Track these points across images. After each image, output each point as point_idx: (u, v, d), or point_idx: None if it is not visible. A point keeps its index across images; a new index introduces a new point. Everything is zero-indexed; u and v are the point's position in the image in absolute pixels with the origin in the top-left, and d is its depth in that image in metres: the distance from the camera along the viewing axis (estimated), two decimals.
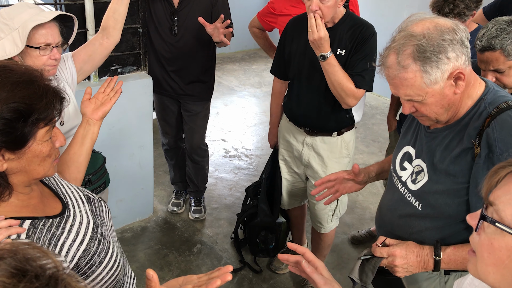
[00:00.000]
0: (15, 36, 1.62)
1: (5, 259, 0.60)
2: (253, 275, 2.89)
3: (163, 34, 2.80)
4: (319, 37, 1.95)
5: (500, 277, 0.75)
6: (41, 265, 0.61)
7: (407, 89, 1.27)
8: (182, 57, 2.84)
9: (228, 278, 1.06)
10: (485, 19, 2.93)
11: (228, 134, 4.65)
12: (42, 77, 1.05)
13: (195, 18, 2.62)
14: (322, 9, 1.99)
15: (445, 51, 1.21)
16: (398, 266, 1.34)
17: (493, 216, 0.75)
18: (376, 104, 5.52)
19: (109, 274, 1.16)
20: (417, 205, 1.44)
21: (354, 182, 1.80)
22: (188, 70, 2.89)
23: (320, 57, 2.02)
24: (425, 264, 1.35)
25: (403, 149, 1.54)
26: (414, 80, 1.24)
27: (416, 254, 1.35)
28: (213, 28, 2.55)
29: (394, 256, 1.35)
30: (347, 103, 2.16)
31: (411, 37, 1.24)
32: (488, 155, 1.25)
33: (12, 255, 0.61)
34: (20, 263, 0.60)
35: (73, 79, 1.95)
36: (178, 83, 2.92)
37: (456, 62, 1.23)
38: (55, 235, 1.09)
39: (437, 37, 1.22)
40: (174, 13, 2.74)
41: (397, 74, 1.26)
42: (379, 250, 1.38)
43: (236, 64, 6.71)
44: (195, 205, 3.40)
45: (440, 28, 1.24)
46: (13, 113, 0.98)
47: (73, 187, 1.28)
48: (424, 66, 1.22)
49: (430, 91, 1.25)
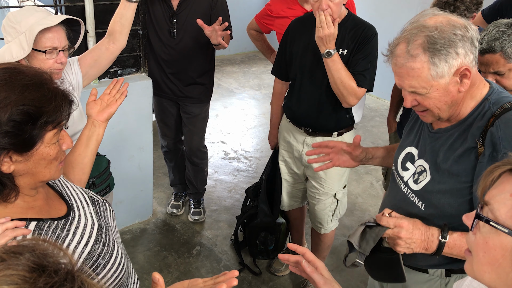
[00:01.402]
0: (22, 39, 1.63)
1: (24, 255, 0.61)
2: (252, 277, 2.89)
3: (162, 36, 2.80)
4: (329, 33, 2.00)
5: (495, 276, 0.76)
6: (58, 260, 0.63)
7: (412, 79, 1.27)
8: (181, 59, 2.85)
9: (234, 283, 1.05)
10: (484, 21, 2.94)
11: (228, 136, 4.66)
12: (51, 80, 1.06)
13: (194, 21, 2.63)
14: (331, 6, 2.03)
15: (455, 45, 1.22)
16: (402, 239, 1.31)
17: (488, 215, 0.76)
18: (375, 107, 5.53)
19: (113, 277, 1.16)
20: (420, 205, 1.45)
21: (350, 157, 1.79)
22: (187, 72, 2.90)
23: (325, 53, 2.05)
24: (428, 244, 1.32)
25: (406, 150, 1.55)
26: (421, 71, 1.25)
27: (421, 232, 1.32)
28: (211, 30, 2.56)
29: (401, 228, 1.31)
30: (348, 101, 2.18)
31: (423, 28, 1.25)
32: (492, 153, 1.26)
33: (31, 251, 0.62)
34: (38, 259, 0.61)
35: (78, 83, 1.96)
36: (177, 85, 2.93)
37: (464, 59, 1.24)
38: (60, 237, 1.09)
39: (449, 31, 1.23)
40: (173, 15, 2.75)
41: (405, 63, 1.27)
42: (385, 219, 1.33)
43: (235, 66, 6.72)
44: (194, 207, 3.40)
45: (453, 23, 1.25)
46: (22, 116, 0.98)
47: (78, 189, 1.28)
48: (432, 58, 1.23)
49: (435, 84, 1.26)
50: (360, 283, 2.85)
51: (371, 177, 4.04)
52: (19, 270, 0.59)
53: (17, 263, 0.60)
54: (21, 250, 0.62)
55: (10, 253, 0.61)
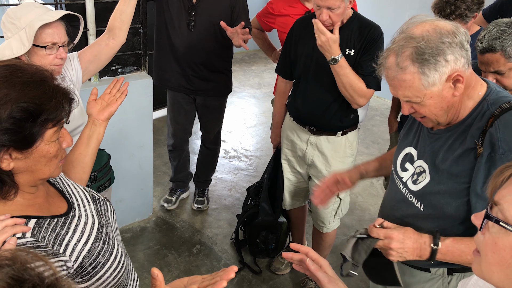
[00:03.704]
0: (22, 35, 1.63)
1: (3, 268, 0.58)
2: (252, 276, 2.88)
3: (179, 28, 2.83)
4: (325, 39, 1.99)
5: (504, 276, 0.76)
6: (40, 273, 0.60)
7: (405, 90, 1.28)
8: (197, 52, 2.87)
9: (231, 276, 1.05)
10: (484, 21, 2.93)
11: (228, 135, 4.65)
12: (52, 78, 1.06)
13: (214, 15, 2.69)
14: (332, 16, 2.04)
15: (444, 53, 1.22)
16: (393, 249, 1.32)
17: (498, 215, 0.76)
18: (375, 106, 5.53)
19: (113, 275, 1.16)
20: (419, 206, 1.45)
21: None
22: (205, 65, 2.92)
23: (331, 60, 2.05)
24: (421, 252, 1.33)
25: (405, 150, 1.55)
26: (412, 81, 1.25)
27: (413, 241, 1.33)
28: (233, 32, 2.61)
29: (391, 239, 1.32)
30: (358, 103, 2.20)
31: (410, 39, 1.25)
32: (490, 154, 1.26)
33: (11, 264, 0.59)
34: (18, 272, 0.58)
35: (78, 78, 1.96)
36: (195, 78, 2.96)
37: (455, 64, 1.24)
38: (60, 235, 1.09)
39: (436, 40, 1.23)
40: (192, 8, 2.77)
41: (395, 75, 1.28)
42: (376, 231, 1.34)
43: (236, 65, 6.71)
44: (198, 196, 3.46)
45: (439, 30, 1.25)
46: (23, 113, 0.98)
47: (79, 187, 1.28)
48: (422, 68, 1.23)
49: (428, 93, 1.26)
50: (361, 282, 2.84)
51: None
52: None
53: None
54: (0, 262, 0.59)
55: None
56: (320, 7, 2.04)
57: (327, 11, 2.02)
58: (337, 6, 2.01)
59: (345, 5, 2.06)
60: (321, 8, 2.03)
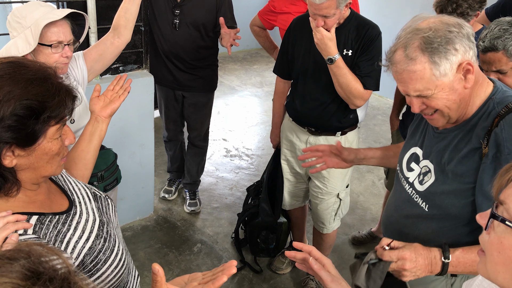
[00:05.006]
0: (28, 34, 1.64)
1: (18, 260, 0.58)
2: (253, 275, 2.88)
3: (163, 27, 2.85)
4: (321, 37, 1.98)
5: (509, 276, 0.75)
6: (54, 266, 0.60)
7: (416, 83, 1.25)
8: (183, 50, 2.90)
9: (232, 271, 1.05)
10: (487, 20, 2.93)
11: (229, 134, 4.65)
12: (55, 75, 1.05)
13: (198, 14, 2.70)
14: (327, 22, 2.02)
15: (453, 42, 1.21)
16: (407, 270, 1.27)
17: (503, 214, 0.75)
18: (377, 105, 5.52)
19: (114, 273, 1.16)
20: (424, 206, 1.44)
21: (340, 159, 1.81)
22: (190, 62, 2.95)
23: (328, 60, 2.04)
24: (432, 267, 1.29)
25: (410, 150, 1.54)
26: (423, 72, 1.23)
27: (424, 257, 1.29)
28: (228, 33, 2.62)
29: (404, 260, 1.26)
30: (355, 104, 2.18)
31: (417, 31, 1.24)
32: (496, 154, 1.25)
33: (26, 256, 0.59)
34: (34, 265, 0.59)
35: (83, 77, 1.96)
36: (180, 74, 2.99)
37: (464, 54, 1.23)
38: (61, 232, 1.09)
39: (443, 29, 1.22)
40: (176, 6, 2.79)
41: (405, 68, 1.25)
42: (388, 254, 1.28)
43: (237, 63, 6.71)
44: (190, 199, 3.45)
45: (446, 21, 1.24)
46: (26, 110, 0.98)
47: (81, 184, 1.28)
48: (432, 57, 1.21)
49: (440, 84, 1.24)
50: None
51: (373, 176, 4.04)
52: (12, 277, 0.56)
53: (11, 270, 0.57)
54: (16, 256, 0.59)
55: (5, 258, 0.59)
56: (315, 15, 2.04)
57: (322, 17, 2.01)
58: (331, 14, 2.00)
59: (340, 11, 2.04)
60: (316, 15, 2.03)
